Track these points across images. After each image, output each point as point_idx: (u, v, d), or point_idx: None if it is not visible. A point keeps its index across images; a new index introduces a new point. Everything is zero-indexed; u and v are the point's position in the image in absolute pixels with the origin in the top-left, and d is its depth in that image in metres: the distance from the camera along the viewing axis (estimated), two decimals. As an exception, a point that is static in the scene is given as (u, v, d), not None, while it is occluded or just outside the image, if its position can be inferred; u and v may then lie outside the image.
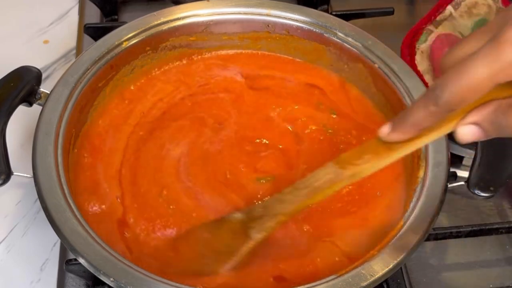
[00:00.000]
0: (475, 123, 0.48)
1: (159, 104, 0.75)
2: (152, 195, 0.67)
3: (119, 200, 0.66)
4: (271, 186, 0.68)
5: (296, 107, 0.76)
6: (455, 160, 0.78)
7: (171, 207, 0.66)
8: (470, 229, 0.70)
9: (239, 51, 0.81)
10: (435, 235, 0.69)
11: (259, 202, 0.66)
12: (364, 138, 0.73)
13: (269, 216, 0.60)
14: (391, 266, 0.57)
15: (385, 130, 0.51)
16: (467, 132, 0.48)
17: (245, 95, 0.77)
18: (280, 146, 0.72)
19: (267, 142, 0.72)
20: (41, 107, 0.67)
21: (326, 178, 0.56)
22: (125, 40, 0.74)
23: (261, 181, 0.69)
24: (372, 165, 0.54)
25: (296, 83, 0.79)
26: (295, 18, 0.78)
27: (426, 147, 0.65)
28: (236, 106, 0.76)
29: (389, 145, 0.52)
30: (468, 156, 0.78)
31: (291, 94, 0.77)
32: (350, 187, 0.67)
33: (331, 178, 0.56)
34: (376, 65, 0.73)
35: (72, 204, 0.60)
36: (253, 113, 0.75)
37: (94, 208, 0.65)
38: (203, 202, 0.67)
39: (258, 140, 0.72)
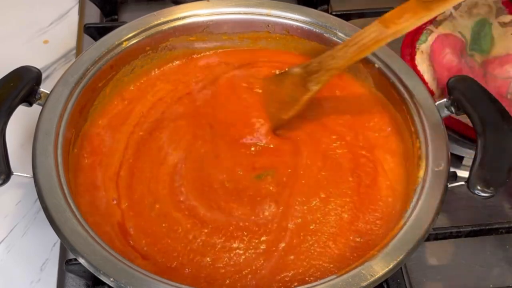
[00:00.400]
0: None
1: (159, 104, 0.75)
2: (145, 206, 0.66)
3: (115, 202, 0.66)
4: (272, 180, 0.68)
5: None
6: (455, 160, 0.78)
7: (163, 225, 0.65)
8: (470, 229, 0.70)
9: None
10: (435, 235, 0.69)
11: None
12: (360, 137, 0.73)
13: (324, 70, 0.69)
14: (391, 266, 0.57)
15: None
16: None
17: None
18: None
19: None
20: (41, 107, 0.67)
21: (371, 36, 0.66)
22: (125, 40, 0.74)
23: (261, 177, 0.68)
24: (411, 23, 0.64)
25: None
26: (295, 18, 0.78)
27: (427, 147, 0.65)
28: (236, 105, 0.76)
29: (427, 5, 0.61)
30: (468, 156, 0.78)
31: None
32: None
33: (376, 35, 0.65)
34: (376, 65, 0.73)
35: (72, 204, 0.60)
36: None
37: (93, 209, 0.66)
38: (200, 219, 0.65)
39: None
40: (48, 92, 0.68)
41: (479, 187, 0.59)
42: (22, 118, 0.70)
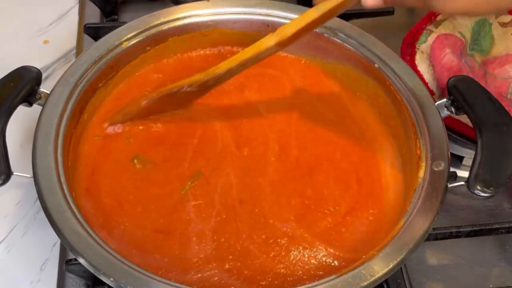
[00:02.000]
0: None
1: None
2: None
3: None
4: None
5: None
6: (455, 160, 0.78)
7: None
8: (470, 229, 0.70)
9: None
10: (435, 235, 0.69)
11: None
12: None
13: (223, 81, 0.70)
14: (391, 266, 0.57)
15: None
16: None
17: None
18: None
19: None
20: (41, 107, 0.67)
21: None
22: (125, 40, 0.74)
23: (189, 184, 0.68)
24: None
25: None
26: (295, 18, 0.77)
27: (427, 147, 0.65)
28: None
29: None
30: (468, 156, 0.78)
31: None
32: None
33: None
34: (376, 65, 0.73)
35: (72, 204, 0.60)
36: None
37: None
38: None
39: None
40: (48, 92, 0.68)
41: (479, 187, 0.59)
42: (22, 118, 0.70)
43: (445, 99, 0.69)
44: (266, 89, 0.77)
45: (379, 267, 0.57)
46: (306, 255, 0.63)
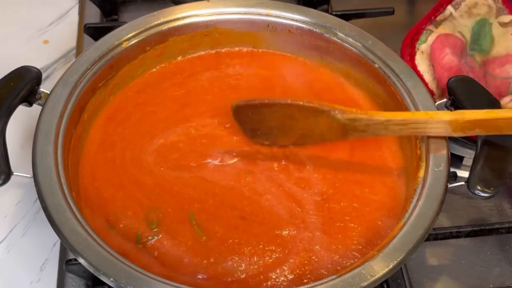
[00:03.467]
0: None
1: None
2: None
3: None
4: None
5: None
6: (455, 160, 0.78)
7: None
8: (470, 229, 0.70)
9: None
10: (435, 235, 0.70)
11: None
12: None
13: (370, 133, 0.66)
14: (391, 266, 0.57)
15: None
16: None
17: None
18: None
19: None
20: (41, 107, 0.67)
21: (437, 130, 0.63)
22: (125, 40, 0.74)
23: None
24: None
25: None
26: (295, 18, 0.78)
27: (427, 147, 0.65)
28: None
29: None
30: (468, 156, 0.78)
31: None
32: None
33: (441, 132, 0.63)
34: (376, 65, 0.73)
35: (72, 204, 0.60)
36: None
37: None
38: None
39: None
40: (48, 92, 0.68)
41: (479, 187, 0.59)
42: (22, 118, 0.70)
43: (445, 99, 0.69)
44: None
45: (379, 267, 0.57)
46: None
